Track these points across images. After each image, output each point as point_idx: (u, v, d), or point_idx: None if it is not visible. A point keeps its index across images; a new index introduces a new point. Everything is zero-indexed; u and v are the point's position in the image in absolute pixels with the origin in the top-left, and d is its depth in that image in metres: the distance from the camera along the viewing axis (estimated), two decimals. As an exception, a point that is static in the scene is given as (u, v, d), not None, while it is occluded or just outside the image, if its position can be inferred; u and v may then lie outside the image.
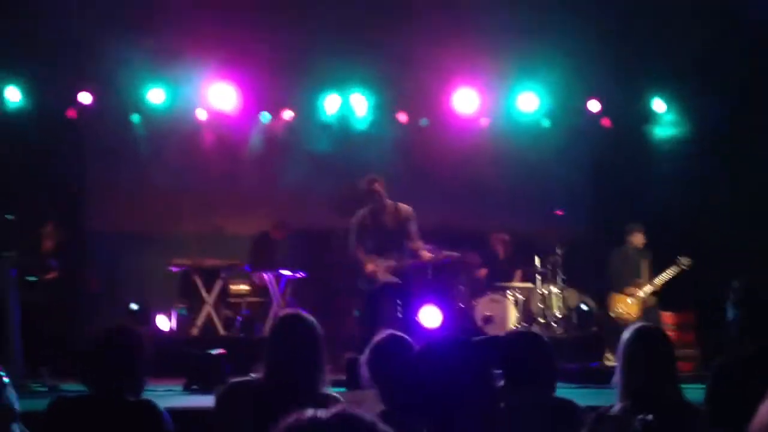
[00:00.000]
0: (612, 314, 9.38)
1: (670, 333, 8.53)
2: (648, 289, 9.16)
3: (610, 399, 3.49)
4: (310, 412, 1.57)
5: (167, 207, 10.77)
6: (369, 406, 3.56)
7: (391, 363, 3.53)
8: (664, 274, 9.10)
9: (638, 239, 9.33)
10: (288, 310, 4.10)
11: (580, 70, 10.42)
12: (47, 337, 7.96)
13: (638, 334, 3.45)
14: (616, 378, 3.46)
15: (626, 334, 3.50)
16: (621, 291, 9.29)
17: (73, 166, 11.02)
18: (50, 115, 10.58)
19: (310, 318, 3.66)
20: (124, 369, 3.37)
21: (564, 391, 7.06)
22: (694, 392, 3.71)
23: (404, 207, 7.97)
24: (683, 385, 3.46)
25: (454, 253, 8.44)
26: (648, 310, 9.13)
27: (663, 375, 3.34)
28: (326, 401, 3.32)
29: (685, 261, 8.96)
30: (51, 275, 8.37)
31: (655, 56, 10.08)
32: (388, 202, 7.92)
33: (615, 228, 10.42)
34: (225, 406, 3.52)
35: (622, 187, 10.79)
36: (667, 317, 9.23)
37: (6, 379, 2.91)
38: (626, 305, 9.23)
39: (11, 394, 2.94)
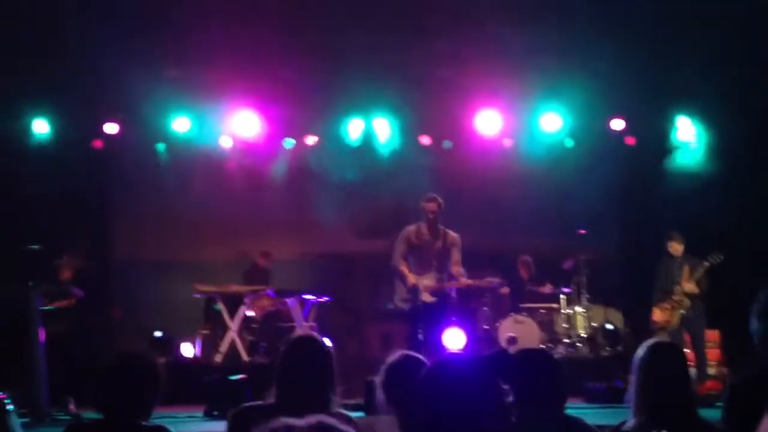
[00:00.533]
0: (653, 326, 9.16)
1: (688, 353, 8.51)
2: (681, 290, 8.90)
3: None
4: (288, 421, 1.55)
5: (191, 234, 10.86)
6: (382, 430, 3.53)
7: (405, 385, 3.47)
8: (696, 273, 8.85)
9: (676, 247, 9.06)
10: (300, 333, 4.09)
11: (603, 89, 10.36)
12: (72, 367, 8.01)
13: (652, 349, 3.40)
14: (630, 394, 3.41)
15: (640, 350, 3.45)
16: (660, 301, 9.09)
17: (99, 195, 11.19)
18: (76, 146, 10.73)
19: (322, 340, 3.65)
20: (132, 393, 3.38)
21: (589, 412, 6.99)
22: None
23: (452, 233, 8.00)
24: (710, 405, 3.38)
25: (494, 279, 8.41)
26: (686, 316, 8.91)
27: (677, 391, 3.28)
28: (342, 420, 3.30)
29: (716, 256, 8.72)
30: (68, 302, 8.42)
31: (679, 75, 9.99)
32: (439, 224, 7.97)
33: (639, 246, 10.32)
34: (235, 430, 3.51)
35: (646, 205, 10.67)
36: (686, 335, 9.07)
37: (10, 406, 2.92)
38: (664, 314, 9.01)
39: (14, 421, 2.95)
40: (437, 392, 2.48)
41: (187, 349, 9.95)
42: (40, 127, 10.63)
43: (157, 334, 10.05)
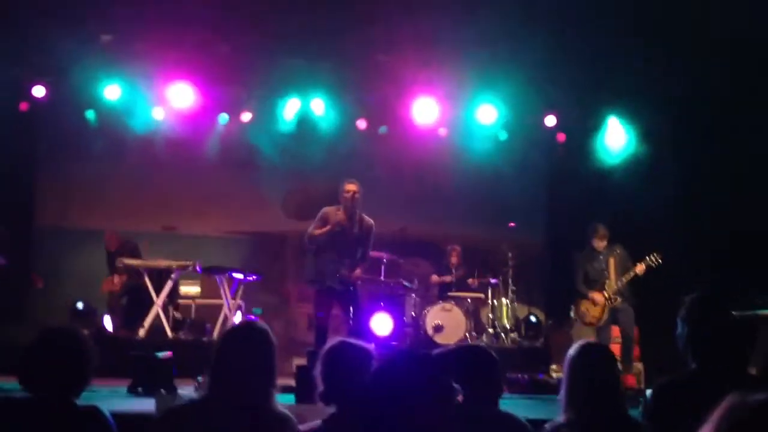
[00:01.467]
0: (575, 317, 9.13)
1: (614, 345, 8.71)
2: (613, 288, 8.73)
3: (555, 409, 3.52)
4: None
5: (119, 205, 10.62)
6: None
7: (348, 377, 3.34)
8: (631, 272, 8.61)
9: (601, 238, 8.87)
10: (240, 321, 3.90)
11: (538, 84, 10.52)
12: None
13: (583, 350, 3.48)
14: (561, 392, 3.49)
15: (572, 350, 3.53)
16: (585, 294, 8.87)
17: (24, 160, 10.84)
18: (1, 108, 10.34)
19: (264, 327, 3.38)
20: (64, 371, 3.29)
21: (511, 402, 7.15)
22: (635, 409, 3.76)
23: (368, 218, 7.96)
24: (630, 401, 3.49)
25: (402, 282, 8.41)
26: (615, 311, 8.75)
27: (606, 391, 3.37)
28: (279, 422, 3.17)
29: (654, 258, 8.52)
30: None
31: (610, 73, 10.21)
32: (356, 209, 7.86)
33: (566, 240, 10.54)
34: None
35: (574, 200, 10.92)
36: (614, 330, 9.28)
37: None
38: (592, 308, 8.83)
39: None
40: (389, 392, 2.49)
41: (109, 323, 9.77)
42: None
43: (79, 305, 9.82)
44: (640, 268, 8.57)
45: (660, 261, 8.53)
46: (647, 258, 8.56)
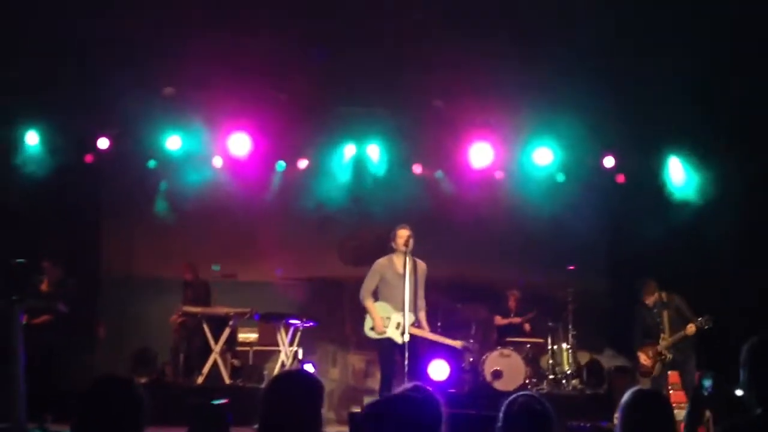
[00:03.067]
0: (640, 369, 9.07)
1: (675, 392, 8.48)
2: (665, 343, 8.83)
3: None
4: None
5: (180, 253, 10.77)
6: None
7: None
8: (681, 332, 8.71)
9: (650, 293, 8.99)
10: (286, 369, 3.91)
11: (596, 126, 10.41)
12: (52, 383, 7.93)
13: (637, 397, 3.39)
14: (616, 439, 3.40)
15: (625, 397, 3.44)
16: (642, 346, 9.00)
17: (90, 210, 11.13)
18: (68, 159, 10.67)
19: (311, 376, 3.38)
20: (116, 421, 3.30)
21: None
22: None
23: (421, 263, 7.89)
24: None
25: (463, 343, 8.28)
26: (671, 361, 8.83)
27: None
28: None
29: (704, 321, 8.58)
30: (52, 317, 8.34)
31: (670, 115, 10.07)
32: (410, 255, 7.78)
33: (628, 284, 10.31)
34: None
35: (635, 243, 10.70)
36: (673, 376, 9.04)
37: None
38: (647, 360, 8.92)
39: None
40: None
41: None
42: (32, 138, 10.57)
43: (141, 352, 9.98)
44: (690, 329, 8.62)
45: (711, 324, 8.51)
46: (699, 321, 8.57)
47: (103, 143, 10.80)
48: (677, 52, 9.23)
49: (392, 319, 7.61)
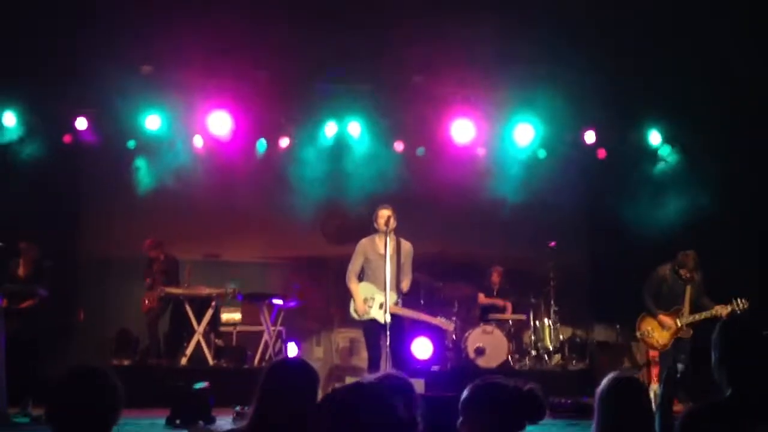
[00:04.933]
0: (638, 335, 8.64)
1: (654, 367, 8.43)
2: (687, 319, 8.34)
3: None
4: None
5: (160, 233, 10.68)
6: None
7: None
8: (712, 311, 8.19)
9: (692, 267, 8.36)
10: (283, 357, 3.85)
11: (576, 102, 10.40)
12: (33, 368, 7.89)
13: (614, 383, 3.39)
14: (593, 426, 3.40)
15: (603, 382, 3.44)
16: (655, 314, 8.45)
17: (68, 191, 11.03)
18: (46, 141, 10.57)
19: (307, 365, 3.36)
20: (90, 410, 3.28)
21: (554, 427, 7.00)
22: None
23: (406, 243, 7.82)
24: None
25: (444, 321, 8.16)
26: (679, 341, 8.39)
27: (637, 426, 3.28)
28: None
29: (741, 302, 8.08)
30: (32, 302, 8.28)
31: (650, 89, 10.07)
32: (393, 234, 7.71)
33: (609, 259, 10.37)
34: None
35: (616, 218, 10.74)
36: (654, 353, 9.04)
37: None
38: (658, 331, 8.43)
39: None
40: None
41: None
42: (8, 120, 10.45)
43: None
44: (724, 310, 8.14)
45: (746, 306, 8.08)
46: (734, 302, 8.14)
47: (81, 123, 10.69)
48: (657, 26, 9.23)
49: (376, 299, 7.60)
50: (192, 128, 10.99)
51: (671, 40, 9.37)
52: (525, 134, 10.96)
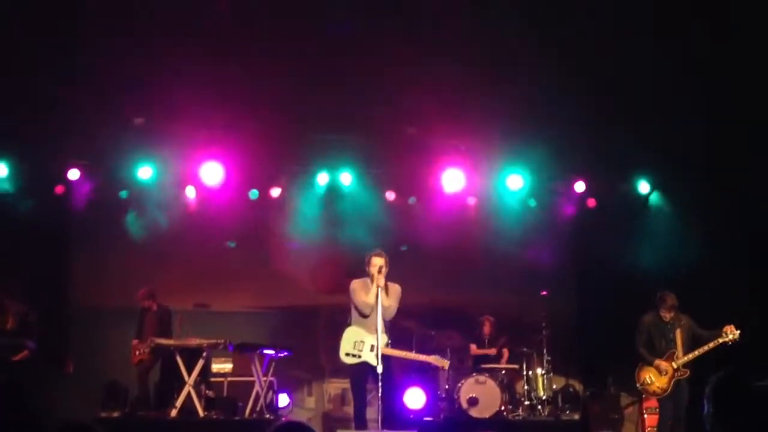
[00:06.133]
0: (639, 387, 8.56)
1: (650, 416, 8.36)
2: (682, 360, 8.34)
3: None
4: None
5: (151, 283, 10.63)
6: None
7: None
8: (706, 346, 8.21)
9: (670, 309, 8.42)
10: (285, 420, 3.85)
11: (566, 151, 10.51)
12: (22, 420, 7.78)
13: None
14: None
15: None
16: (650, 362, 8.43)
17: (59, 241, 11.02)
18: (38, 191, 10.59)
19: (309, 429, 3.42)
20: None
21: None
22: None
23: (393, 285, 7.76)
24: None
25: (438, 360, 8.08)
26: (678, 384, 8.35)
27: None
28: None
29: (731, 332, 8.12)
30: (21, 356, 8.23)
31: (639, 140, 10.19)
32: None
33: (598, 309, 10.38)
34: None
35: (607, 266, 10.79)
36: (652, 403, 9.00)
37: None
38: (656, 377, 8.39)
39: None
40: None
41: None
42: (0, 170, 10.47)
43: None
44: (731, 333, 8.15)
45: (736, 338, 8.13)
46: (726, 332, 8.17)
47: (73, 174, 10.72)
48: (643, 73, 9.36)
49: (366, 342, 7.54)
50: (184, 178, 11.03)
51: (658, 89, 9.50)
52: (515, 183, 11.05)
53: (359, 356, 7.47)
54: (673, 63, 8.97)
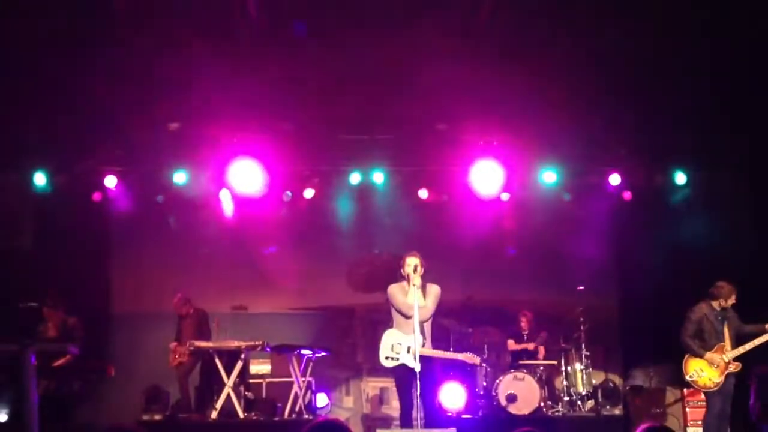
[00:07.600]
0: (687, 378, 8.19)
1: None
2: (732, 353, 8.00)
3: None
4: None
5: (190, 288, 10.74)
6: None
7: None
8: (757, 341, 7.89)
9: (730, 296, 8.13)
10: (322, 419, 3.90)
11: (601, 143, 10.41)
12: (67, 425, 7.92)
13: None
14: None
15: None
16: (701, 354, 8.09)
17: (98, 248, 11.17)
18: (76, 199, 10.74)
19: (346, 427, 3.51)
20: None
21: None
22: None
23: (432, 285, 7.70)
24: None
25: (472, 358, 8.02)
26: (728, 377, 7.98)
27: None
28: None
29: None
30: (65, 361, 8.36)
31: (673, 129, 10.06)
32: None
33: (638, 302, 10.26)
34: None
35: (643, 260, 10.66)
36: (696, 396, 8.86)
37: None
38: (708, 370, 8.04)
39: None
40: None
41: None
42: (39, 179, 10.64)
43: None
44: (763, 338, 7.89)
45: None
46: None
47: (110, 181, 10.86)
48: (681, 65, 9.22)
49: (403, 344, 7.52)
50: (218, 182, 11.10)
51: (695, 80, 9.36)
52: (549, 178, 10.96)
53: (397, 359, 7.45)
54: (712, 59, 8.85)
